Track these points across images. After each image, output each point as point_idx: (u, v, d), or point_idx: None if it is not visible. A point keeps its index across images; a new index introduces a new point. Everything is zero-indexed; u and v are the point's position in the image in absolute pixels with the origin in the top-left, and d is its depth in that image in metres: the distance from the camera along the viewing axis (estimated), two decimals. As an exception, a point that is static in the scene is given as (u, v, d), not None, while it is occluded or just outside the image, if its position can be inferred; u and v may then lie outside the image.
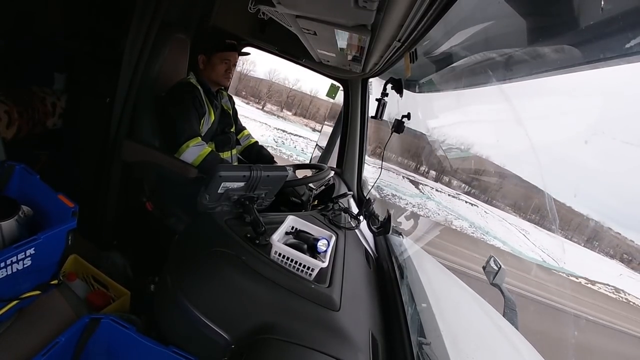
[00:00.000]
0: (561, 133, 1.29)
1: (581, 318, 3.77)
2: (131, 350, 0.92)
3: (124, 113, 1.71)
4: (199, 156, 1.62)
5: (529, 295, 5.37)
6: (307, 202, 1.68)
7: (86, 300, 1.34)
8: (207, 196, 1.04)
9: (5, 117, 1.74)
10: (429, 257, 1.74)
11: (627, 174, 4.41)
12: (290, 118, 23.41)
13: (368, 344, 0.94)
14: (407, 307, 1.19)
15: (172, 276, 0.96)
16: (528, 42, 0.92)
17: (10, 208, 0.95)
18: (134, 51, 1.64)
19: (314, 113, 24.05)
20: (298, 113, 24.23)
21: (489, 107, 1.47)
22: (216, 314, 0.87)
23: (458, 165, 2.69)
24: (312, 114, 24.11)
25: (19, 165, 1.10)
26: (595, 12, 0.68)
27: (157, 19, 1.63)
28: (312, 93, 24.02)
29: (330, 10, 0.96)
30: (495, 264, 1.33)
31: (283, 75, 24.17)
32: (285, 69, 25.09)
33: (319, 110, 23.26)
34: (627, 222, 14.22)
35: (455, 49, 1.32)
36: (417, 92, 2.01)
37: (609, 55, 0.72)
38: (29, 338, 0.96)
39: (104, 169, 1.80)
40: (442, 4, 0.79)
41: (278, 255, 0.99)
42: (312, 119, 23.66)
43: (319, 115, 22.89)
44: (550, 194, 1.07)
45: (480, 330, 1.31)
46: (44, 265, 0.99)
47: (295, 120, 23.09)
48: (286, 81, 24.40)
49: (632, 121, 0.84)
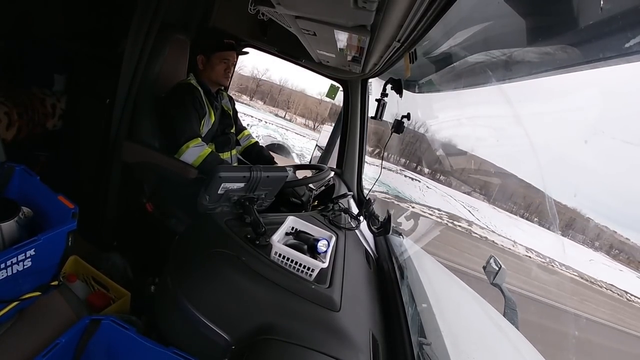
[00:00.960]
0: (561, 132, 1.29)
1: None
2: (131, 351, 0.91)
3: (124, 114, 1.71)
4: (199, 157, 1.62)
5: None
6: (307, 202, 1.68)
7: (86, 301, 1.34)
8: (207, 197, 1.04)
9: (5, 118, 1.75)
10: (430, 258, 1.74)
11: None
12: (260, 107, 23.63)
13: (368, 344, 0.93)
14: (408, 308, 1.19)
15: (172, 277, 0.95)
16: (527, 42, 0.92)
17: (10, 209, 0.95)
18: (135, 52, 1.64)
19: (282, 101, 24.28)
20: (267, 102, 24.61)
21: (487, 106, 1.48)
22: (216, 315, 0.87)
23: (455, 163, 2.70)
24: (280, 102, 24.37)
25: (19, 167, 1.10)
26: (594, 11, 0.68)
27: (157, 20, 1.63)
28: (281, 83, 24.20)
29: (329, 10, 0.96)
30: (496, 264, 1.33)
31: (251, 66, 24.42)
32: (253, 59, 25.15)
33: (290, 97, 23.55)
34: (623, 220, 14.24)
35: (454, 49, 1.32)
36: (417, 93, 2.01)
37: (609, 55, 0.72)
38: (30, 339, 0.96)
39: (104, 170, 1.80)
40: (442, 5, 0.79)
41: (278, 256, 0.99)
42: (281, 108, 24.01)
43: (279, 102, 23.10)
44: (547, 192, 1.07)
45: (481, 330, 1.31)
46: (44, 267, 0.99)
47: (264, 109, 23.35)
48: (255, 70, 24.71)
49: (632, 121, 0.84)
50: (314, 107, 23.94)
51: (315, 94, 23.56)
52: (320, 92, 21.03)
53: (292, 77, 24.67)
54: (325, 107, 21.52)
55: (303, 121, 24.14)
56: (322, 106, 22.50)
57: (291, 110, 25.04)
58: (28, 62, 2.04)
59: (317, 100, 23.35)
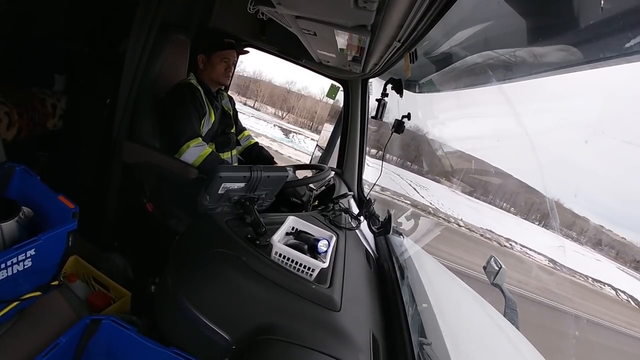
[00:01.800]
0: (561, 132, 1.29)
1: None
2: (132, 351, 0.91)
3: (125, 114, 1.71)
4: (199, 157, 1.62)
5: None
6: (308, 202, 1.68)
7: (87, 301, 1.34)
8: (208, 197, 1.04)
9: (5, 118, 1.75)
10: (430, 258, 1.74)
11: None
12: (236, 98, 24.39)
13: (369, 344, 0.93)
14: (408, 307, 1.19)
15: (172, 277, 0.95)
16: (528, 42, 0.92)
17: (10, 209, 0.95)
18: (136, 52, 1.64)
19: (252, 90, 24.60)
20: (241, 93, 24.73)
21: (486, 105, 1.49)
22: (217, 315, 0.87)
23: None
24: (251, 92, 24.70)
25: (19, 167, 1.10)
26: (595, 11, 0.68)
27: (157, 20, 1.63)
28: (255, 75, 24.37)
29: (330, 10, 0.96)
30: (496, 264, 1.33)
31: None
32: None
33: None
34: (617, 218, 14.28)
35: (455, 49, 1.33)
36: (417, 92, 2.01)
37: (609, 55, 0.72)
38: (30, 339, 0.96)
39: (104, 170, 1.80)
40: (442, 4, 0.79)
41: (278, 256, 0.99)
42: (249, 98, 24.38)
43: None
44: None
45: (481, 330, 1.31)
46: (44, 267, 0.99)
47: (237, 99, 23.96)
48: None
49: (633, 121, 0.84)
50: (282, 95, 24.08)
51: (284, 83, 23.83)
52: (287, 82, 21.93)
53: (266, 68, 24.74)
54: (295, 96, 22.20)
55: (273, 110, 24.32)
56: (291, 95, 22.78)
57: (259, 99, 25.12)
58: (28, 62, 2.03)
59: (285, 89, 23.64)
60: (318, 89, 22.24)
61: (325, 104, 20.62)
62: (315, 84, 21.20)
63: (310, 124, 22.68)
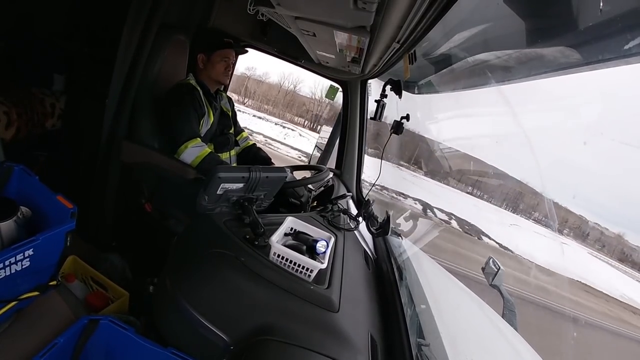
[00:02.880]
0: (560, 134, 1.30)
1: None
2: (130, 351, 0.91)
3: (121, 113, 1.70)
4: (197, 157, 1.62)
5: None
6: (306, 203, 1.68)
7: (85, 301, 1.33)
8: (206, 197, 1.04)
9: (4, 118, 1.74)
10: (428, 259, 1.74)
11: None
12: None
13: (367, 345, 0.93)
14: (406, 309, 1.19)
15: (171, 277, 0.95)
16: (527, 44, 0.93)
17: (8, 209, 0.94)
18: (129, 51, 1.63)
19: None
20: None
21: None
22: (215, 316, 0.87)
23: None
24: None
25: (17, 166, 1.10)
26: (594, 13, 0.68)
27: (155, 20, 1.63)
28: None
29: (329, 11, 0.96)
30: (495, 265, 1.33)
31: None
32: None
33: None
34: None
35: (454, 51, 1.33)
36: (416, 94, 2.01)
37: (608, 57, 0.72)
38: (28, 339, 0.96)
39: (103, 170, 1.80)
40: (441, 6, 0.80)
41: (277, 257, 0.99)
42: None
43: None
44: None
45: (479, 331, 1.31)
46: (42, 267, 0.98)
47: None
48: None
49: (631, 122, 0.84)
50: (255, 86, 24.21)
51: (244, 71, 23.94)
52: (262, 74, 22.06)
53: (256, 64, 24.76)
54: (267, 86, 22.56)
55: (236, 97, 24.42)
56: (264, 85, 23.03)
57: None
58: (27, 61, 2.03)
59: (256, 81, 23.77)
60: (277, 76, 22.29)
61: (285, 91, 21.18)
62: (275, 70, 21.46)
63: (272, 108, 22.76)
